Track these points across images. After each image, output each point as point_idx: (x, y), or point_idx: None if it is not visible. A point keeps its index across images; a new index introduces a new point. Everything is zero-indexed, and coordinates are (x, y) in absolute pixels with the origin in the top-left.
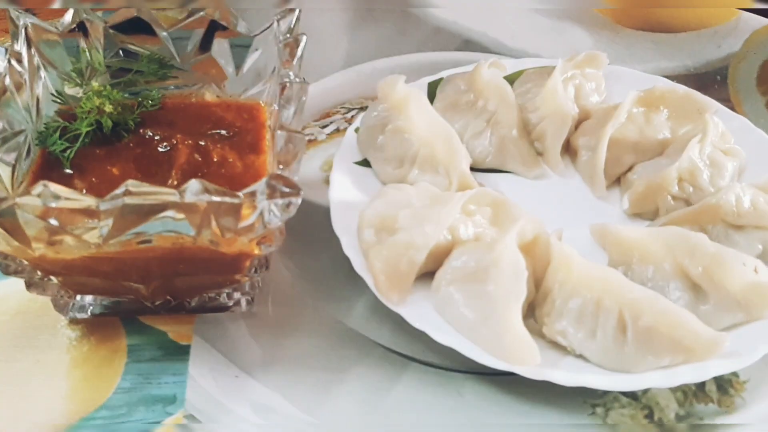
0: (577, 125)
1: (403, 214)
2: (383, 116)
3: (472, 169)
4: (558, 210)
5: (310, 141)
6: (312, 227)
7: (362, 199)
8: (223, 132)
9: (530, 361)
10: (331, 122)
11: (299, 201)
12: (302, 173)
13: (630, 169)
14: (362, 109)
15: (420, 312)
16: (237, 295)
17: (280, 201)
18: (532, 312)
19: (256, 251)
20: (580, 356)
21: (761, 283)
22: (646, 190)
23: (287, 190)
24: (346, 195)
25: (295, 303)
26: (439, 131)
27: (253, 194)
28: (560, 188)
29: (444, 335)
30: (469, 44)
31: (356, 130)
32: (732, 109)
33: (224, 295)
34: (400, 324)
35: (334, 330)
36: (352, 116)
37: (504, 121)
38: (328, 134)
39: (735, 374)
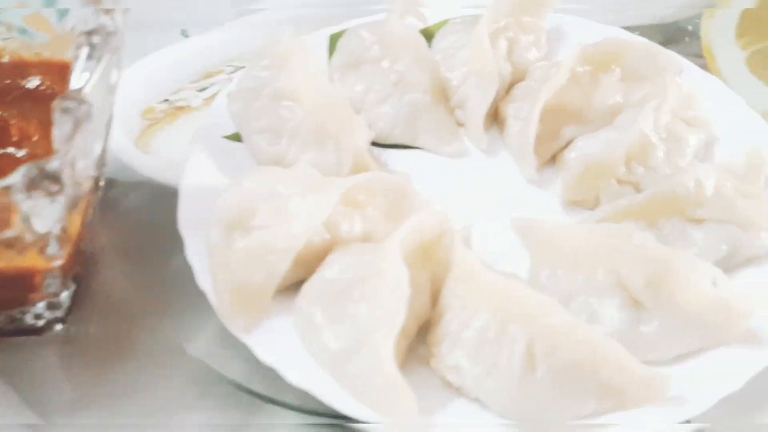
0: (510, 89)
1: (264, 207)
2: (262, 77)
3: (375, 144)
4: (479, 198)
5: (180, 108)
6: (170, 223)
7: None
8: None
9: (403, 410)
10: (212, 84)
11: (62, 197)
12: (168, 149)
13: (570, 143)
14: None
15: (276, 340)
16: (48, 313)
17: (42, 196)
18: (425, 337)
19: (43, 264)
20: (476, 400)
21: (721, 300)
22: (585, 171)
23: (48, 179)
24: (205, 180)
25: (127, 322)
26: (329, 96)
27: (6, 189)
28: (484, 169)
29: (299, 373)
30: None
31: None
32: (703, 67)
33: (30, 314)
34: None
35: (172, 359)
36: None
37: (415, 83)
38: (205, 99)
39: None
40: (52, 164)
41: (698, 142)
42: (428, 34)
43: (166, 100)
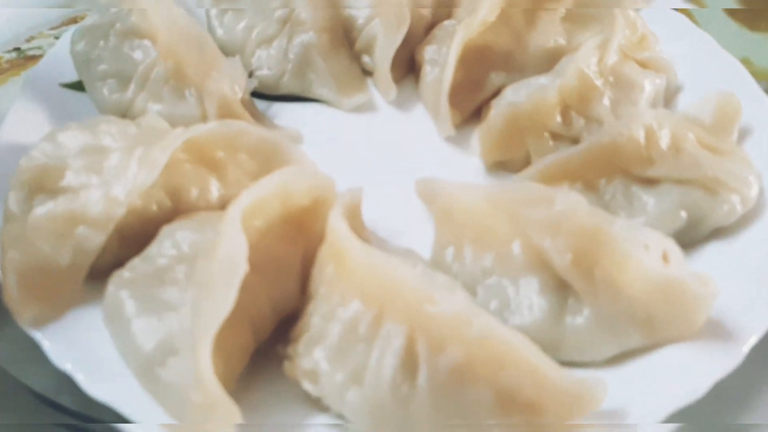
0: (430, 30)
1: (77, 164)
2: (111, 12)
3: (260, 96)
4: (382, 160)
5: (31, 58)
6: None
7: None
8: None
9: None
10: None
11: None
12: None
13: (498, 94)
14: None
15: (80, 338)
16: None
17: None
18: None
19: None
20: (341, 416)
21: (672, 281)
22: (509, 123)
23: None
24: (29, 136)
25: None
26: (190, 34)
27: None
28: (393, 126)
29: (100, 380)
30: None
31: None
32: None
33: None
34: None
35: None
36: None
37: (309, 20)
38: None
39: None
40: None
41: (655, 88)
42: None
43: (17, 49)
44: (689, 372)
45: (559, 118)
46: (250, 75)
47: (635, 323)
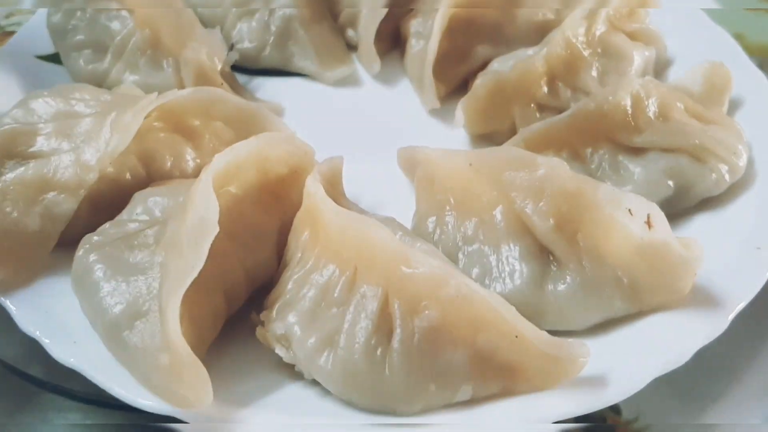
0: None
1: (47, 129)
2: None
3: (240, 69)
4: (366, 132)
5: (10, 34)
6: None
7: None
8: None
9: (191, 397)
10: None
11: None
12: None
13: (484, 66)
14: None
15: (48, 304)
16: None
17: None
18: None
19: None
20: (314, 383)
21: (657, 246)
22: (494, 92)
23: None
24: (1, 106)
25: None
26: (167, 3)
27: None
28: (377, 99)
29: (65, 345)
30: None
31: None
32: None
33: None
34: None
35: None
36: None
37: None
38: None
39: (615, 410)
40: None
41: (644, 60)
42: None
43: None
44: (673, 339)
45: (545, 89)
46: (231, 48)
47: (619, 290)
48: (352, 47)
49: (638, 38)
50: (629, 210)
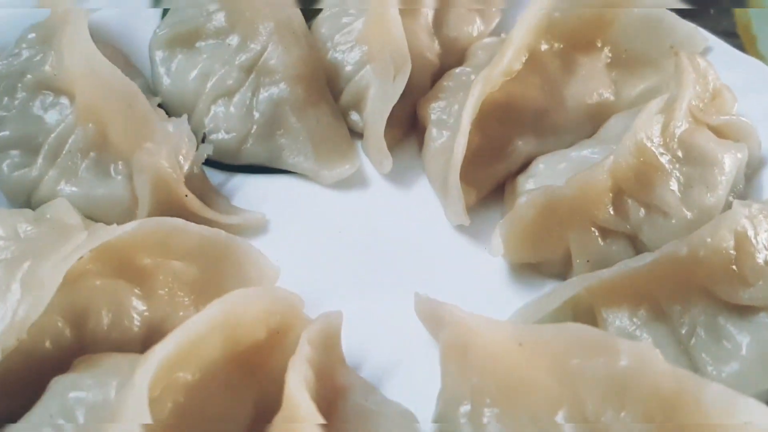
0: (437, 79)
1: None
2: (25, 57)
3: (215, 166)
4: (374, 257)
5: None
6: None
7: None
8: None
9: None
10: None
11: None
12: None
13: (527, 167)
14: None
15: None
16: None
17: None
18: None
19: None
20: None
21: None
22: (543, 214)
23: None
24: None
25: None
26: (119, 87)
27: None
28: (387, 207)
29: None
30: None
31: None
32: (740, 48)
33: None
34: None
35: None
36: None
37: (281, 67)
38: None
39: None
40: None
41: (736, 164)
42: None
43: None
44: None
45: (609, 208)
46: (203, 139)
47: None
48: (355, 134)
49: (726, 134)
50: (748, 422)
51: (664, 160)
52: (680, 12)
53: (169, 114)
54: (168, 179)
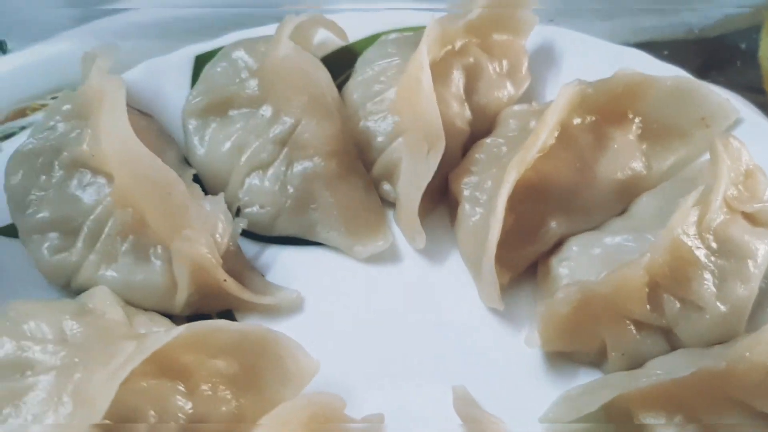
0: (468, 147)
1: None
2: (60, 132)
3: (250, 237)
4: (408, 340)
5: None
6: None
7: None
8: None
9: None
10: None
11: None
12: None
13: (559, 246)
14: None
15: None
16: None
17: None
18: None
19: None
20: None
21: None
22: (579, 308)
23: None
24: None
25: None
26: (154, 176)
27: None
28: (421, 284)
29: None
30: None
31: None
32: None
33: None
34: None
35: None
36: None
37: (314, 141)
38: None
39: None
40: None
41: None
42: (352, 56)
43: None
44: None
45: (647, 304)
46: (238, 212)
47: None
48: (388, 204)
49: (761, 222)
50: None
51: (699, 254)
52: (704, 69)
53: (202, 184)
54: (207, 266)
